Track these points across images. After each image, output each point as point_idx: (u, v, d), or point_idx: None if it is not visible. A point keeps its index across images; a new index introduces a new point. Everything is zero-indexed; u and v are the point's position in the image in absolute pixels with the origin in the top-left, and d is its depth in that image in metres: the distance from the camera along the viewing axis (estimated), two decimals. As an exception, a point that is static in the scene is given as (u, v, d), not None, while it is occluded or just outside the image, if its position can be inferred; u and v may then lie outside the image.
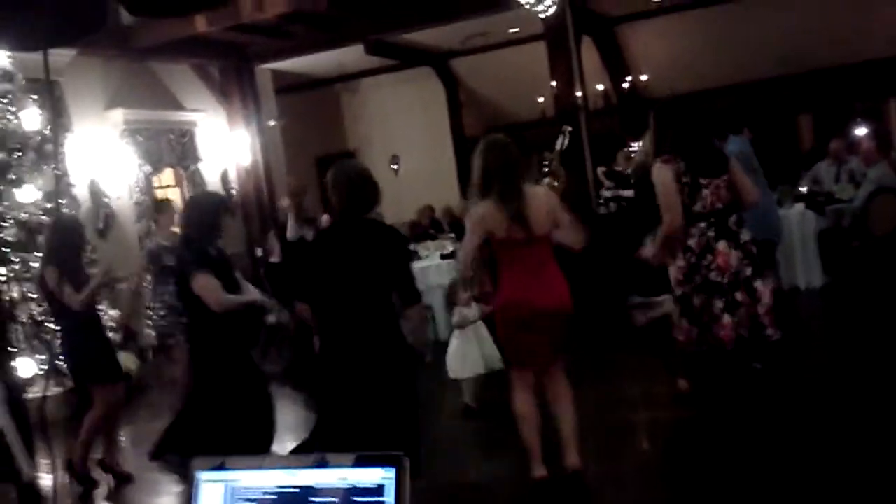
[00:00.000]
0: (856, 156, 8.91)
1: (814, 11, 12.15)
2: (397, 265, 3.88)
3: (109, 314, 7.27)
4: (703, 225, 4.37)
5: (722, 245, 4.36)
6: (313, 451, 4.06)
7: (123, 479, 5.48)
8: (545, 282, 4.06)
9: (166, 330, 6.66)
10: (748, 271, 4.36)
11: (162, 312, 6.65)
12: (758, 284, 4.38)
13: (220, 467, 1.41)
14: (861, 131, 11.28)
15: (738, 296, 4.34)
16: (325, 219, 8.06)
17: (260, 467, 1.40)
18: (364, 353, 3.78)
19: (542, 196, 4.16)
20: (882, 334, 6.28)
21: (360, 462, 1.35)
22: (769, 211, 5.75)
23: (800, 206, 8.59)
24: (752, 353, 4.51)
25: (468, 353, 5.70)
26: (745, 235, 4.44)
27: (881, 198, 8.08)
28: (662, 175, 4.41)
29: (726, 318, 4.34)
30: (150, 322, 8.62)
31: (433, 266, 8.66)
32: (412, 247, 9.57)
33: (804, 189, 8.88)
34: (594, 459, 4.40)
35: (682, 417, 5.18)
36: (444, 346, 8.20)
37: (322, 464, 1.36)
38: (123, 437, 6.88)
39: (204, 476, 1.41)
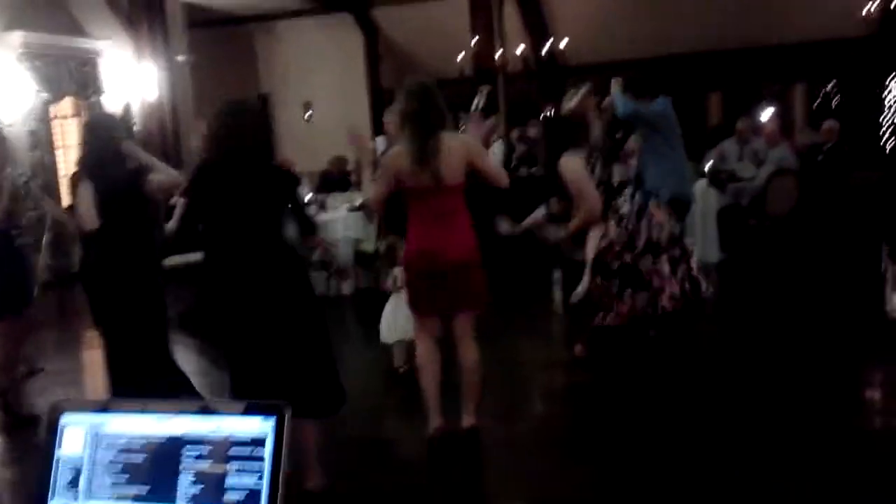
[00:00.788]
0: (760, 136, 9.15)
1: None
2: (287, 201, 3.74)
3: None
4: (628, 191, 4.42)
5: (652, 205, 4.43)
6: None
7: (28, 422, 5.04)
8: (452, 232, 3.98)
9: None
10: (677, 228, 4.45)
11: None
12: (686, 240, 4.47)
13: (92, 409, 1.32)
14: (766, 113, 11.59)
15: (675, 251, 4.40)
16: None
17: (135, 411, 1.31)
18: (256, 281, 3.60)
19: (458, 144, 3.98)
20: (771, 310, 6.51)
21: (239, 410, 1.28)
22: (684, 171, 5.90)
23: (702, 183, 8.79)
24: (694, 311, 4.60)
25: (398, 317, 5.60)
26: (664, 195, 4.52)
27: (780, 179, 8.32)
28: (572, 164, 4.39)
29: (677, 275, 4.39)
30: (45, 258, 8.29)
31: (340, 219, 8.53)
32: (321, 196, 9.44)
33: (708, 166, 9.08)
34: (490, 418, 4.43)
35: (577, 382, 5.26)
36: (344, 298, 8.23)
37: (206, 410, 1.29)
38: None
39: (67, 418, 1.32)
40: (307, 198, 9.87)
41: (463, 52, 12.42)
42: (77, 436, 1.30)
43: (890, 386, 5.10)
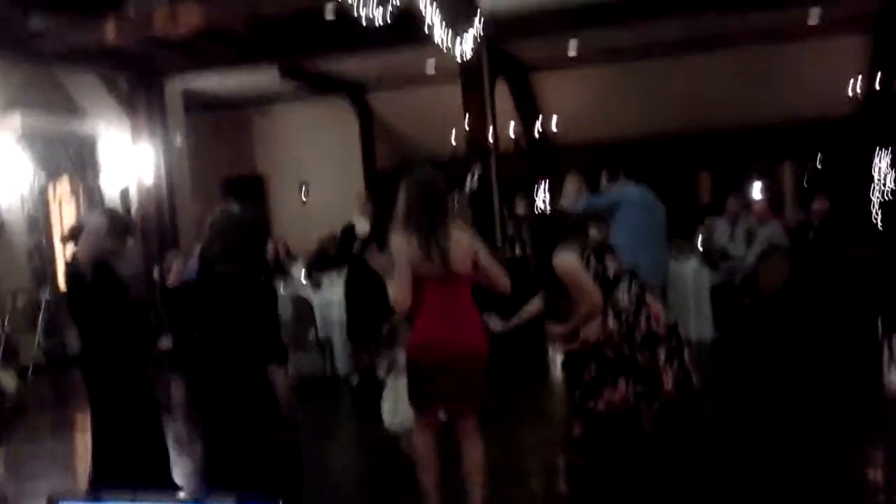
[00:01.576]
0: (750, 215, 9.25)
1: (718, 76, 12.69)
2: (261, 319, 3.74)
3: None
4: (623, 284, 4.42)
5: (648, 297, 4.45)
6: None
7: None
8: (459, 323, 3.92)
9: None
10: (672, 320, 4.47)
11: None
12: (680, 330, 4.47)
13: (86, 499, 1.32)
14: (756, 192, 11.75)
15: (673, 342, 4.40)
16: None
17: (127, 502, 1.32)
18: (234, 397, 3.70)
19: (464, 238, 3.99)
20: (767, 389, 6.49)
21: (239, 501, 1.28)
22: (664, 258, 5.96)
23: (694, 261, 8.86)
24: (685, 402, 4.57)
25: (400, 403, 5.48)
26: (656, 284, 4.56)
27: (771, 257, 8.41)
28: (567, 261, 4.37)
29: (672, 367, 4.38)
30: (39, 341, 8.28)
31: (335, 300, 8.51)
32: (316, 276, 9.45)
33: (699, 244, 9.16)
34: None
35: (574, 464, 5.21)
36: (342, 382, 8.16)
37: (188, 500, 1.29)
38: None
39: (65, 511, 1.31)
40: (302, 278, 9.91)
41: (455, 133, 12.63)
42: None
43: (891, 464, 5.05)
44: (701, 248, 9.03)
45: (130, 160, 11.65)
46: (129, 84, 11.65)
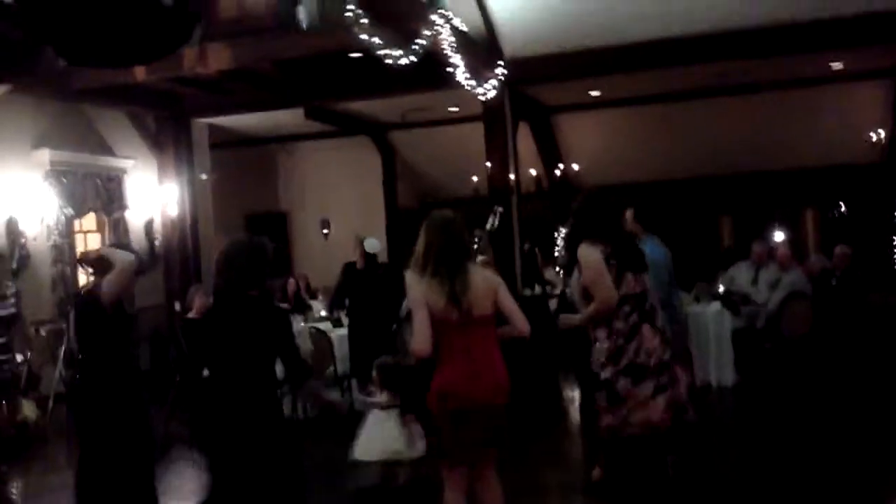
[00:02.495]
0: (773, 260, 9.22)
1: (740, 120, 12.75)
2: (279, 344, 3.82)
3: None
4: (626, 308, 4.45)
5: (646, 328, 4.44)
6: None
7: None
8: (484, 369, 3.80)
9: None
10: (666, 356, 4.45)
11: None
12: (676, 370, 4.46)
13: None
14: (778, 237, 11.71)
15: (663, 378, 4.40)
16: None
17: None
18: (240, 432, 3.76)
19: (485, 277, 3.93)
20: (790, 434, 6.42)
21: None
22: (680, 309, 5.92)
23: (716, 305, 8.82)
24: (675, 436, 4.55)
25: (379, 434, 5.58)
26: (659, 321, 4.55)
27: (794, 302, 8.35)
28: (592, 254, 4.46)
29: (660, 400, 4.36)
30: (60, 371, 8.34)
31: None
32: (337, 313, 9.49)
33: (721, 288, 9.13)
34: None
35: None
36: (359, 417, 8.14)
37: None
38: (15, 490, 6.56)
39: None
40: (322, 313, 9.96)
41: (477, 173, 12.72)
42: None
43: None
44: (722, 292, 8.99)
45: (156, 195, 11.81)
46: (156, 122, 11.85)
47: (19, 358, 6.71)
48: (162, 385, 8.89)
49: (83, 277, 10.48)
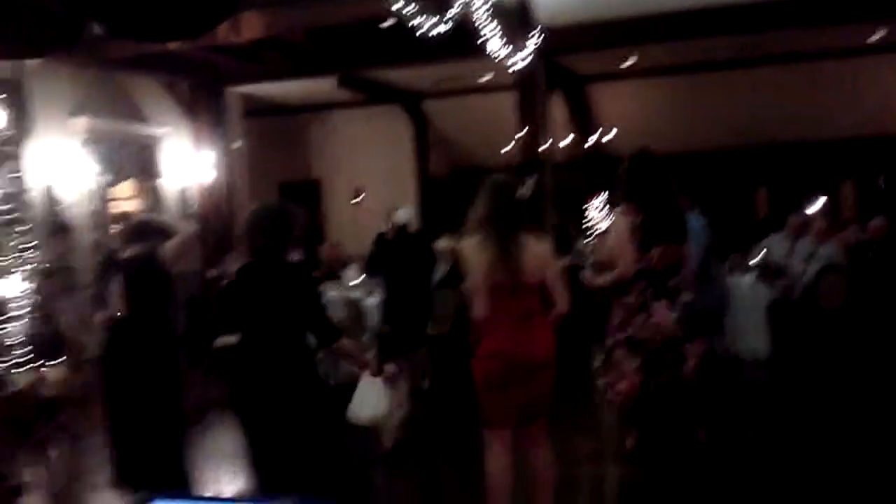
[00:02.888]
0: (809, 232, 9.11)
1: (778, 90, 12.54)
2: (308, 307, 3.86)
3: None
4: (643, 283, 4.43)
5: (659, 305, 4.42)
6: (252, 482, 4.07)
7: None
8: (530, 333, 3.83)
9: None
10: (679, 332, 4.42)
11: None
12: (686, 347, 4.43)
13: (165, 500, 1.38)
14: (815, 208, 11.56)
15: (669, 356, 4.38)
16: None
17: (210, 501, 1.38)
18: (274, 393, 3.80)
19: (536, 245, 3.94)
20: (823, 407, 6.38)
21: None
22: (720, 286, 5.84)
23: (751, 277, 8.75)
24: (664, 411, 4.55)
25: (370, 393, 5.67)
26: (685, 298, 4.51)
27: (830, 275, 8.25)
28: (619, 224, 4.47)
29: (635, 376, 4.38)
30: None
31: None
32: (369, 280, 9.55)
33: (756, 260, 9.05)
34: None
35: (626, 475, 5.19)
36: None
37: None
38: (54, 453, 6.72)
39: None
40: (355, 281, 10.02)
41: (510, 143, 12.66)
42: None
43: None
44: (758, 264, 8.91)
45: (191, 163, 11.91)
46: (190, 90, 11.92)
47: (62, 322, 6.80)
48: (197, 350, 9.02)
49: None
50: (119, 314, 4.40)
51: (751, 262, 9.05)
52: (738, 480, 4.85)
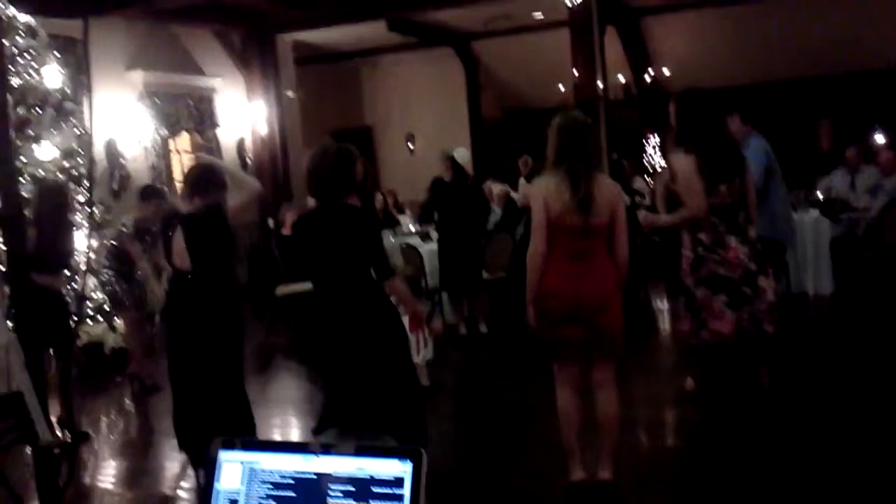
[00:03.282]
0: (873, 165, 8.85)
1: (839, 16, 12.07)
2: (366, 245, 3.96)
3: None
4: (714, 219, 4.39)
5: (733, 240, 4.38)
6: (328, 425, 4.19)
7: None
8: (593, 271, 3.82)
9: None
10: (753, 267, 4.38)
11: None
12: (761, 281, 4.38)
13: (239, 447, 1.43)
14: (880, 140, 11.20)
15: (746, 290, 4.36)
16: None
17: (279, 450, 1.42)
18: (351, 326, 3.92)
19: (608, 185, 3.90)
20: (889, 345, 6.28)
21: (379, 453, 1.36)
22: (781, 212, 5.71)
23: (815, 212, 8.56)
24: (752, 347, 4.52)
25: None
26: (752, 232, 4.46)
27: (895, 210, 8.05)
28: (684, 163, 4.41)
29: (729, 314, 4.36)
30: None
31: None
32: (424, 227, 9.59)
33: (820, 195, 8.84)
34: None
35: (687, 418, 5.19)
36: (451, 330, 8.27)
37: (350, 452, 1.37)
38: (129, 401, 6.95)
39: (225, 455, 1.42)
40: (411, 228, 10.07)
41: (563, 81, 12.47)
42: (234, 471, 1.41)
43: None
44: (821, 199, 8.71)
45: (245, 113, 12.00)
46: (242, 39, 11.95)
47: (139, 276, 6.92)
48: (260, 300, 9.20)
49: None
50: (181, 267, 4.47)
51: (814, 198, 8.85)
52: (798, 426, 4.82)
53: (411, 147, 15.62)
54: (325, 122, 14.98)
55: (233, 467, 1.41)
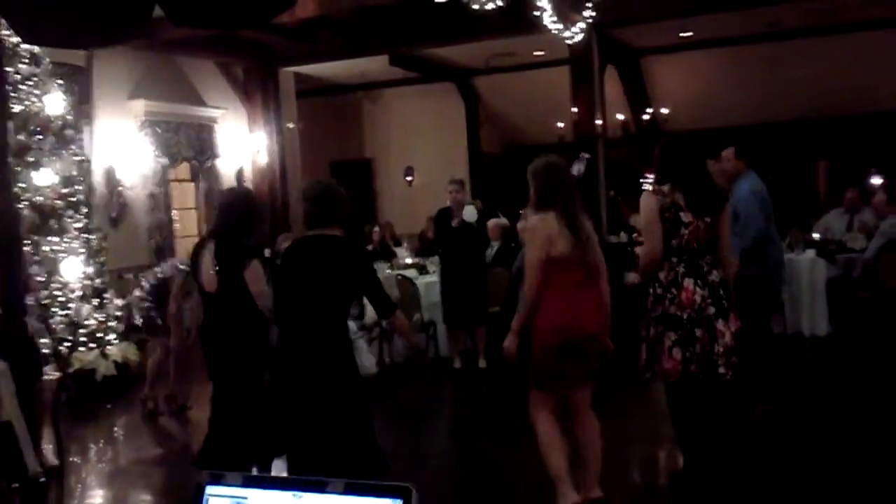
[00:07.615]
0: (869, 207, 8.90)
1: (836, 61, 12.20)
2: (363, 281, 3.93)
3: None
4: (674, 259, 4.38)
5: (688, 282, 4.36)
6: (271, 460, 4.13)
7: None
8: (593, 307, 4.04)
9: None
10: (711, 310, 4.35)
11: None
12: (719, 324, 4.35)
13: (227, 482, 1.42)
14: (876, 182, 11.26)
15: (697, 332, 4.33)
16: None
17: (268, 486, 1.41)
18: (311, 373, 3.86)
19: (590, 225, 4.17)
20: (884, 386, 6.27)
21: (370, 491, 1.35)
22: (776, 255, 5.71)
23: (811, 253, 8.58)
24: (701, 389, 4.49)
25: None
26: (715, 276, 4.41)
27: (892, 251, 8.06)
28: (647, 203, 4.43)
29: (675, 352, 4.35)
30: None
31: (436, 283, 8.58)
32: (421, 260, 9.60)
33: (816, 236, 8.87)
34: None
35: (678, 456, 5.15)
36: (445, 364, 8.23)
37: (329, 489, 1.37)
38: (119, 430, 6.91)
39: (211, 490, 1.42)
40: (408, 260, 10.08)
41: (562, 120, 12.55)
42: (221, 508, 1.40)
43: None
44: (817, 240, 8.73)
45: (246, 144, 12.05)
46: (244, 72, 12.04)
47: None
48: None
49: (178, 226, 10.86)
50: (210, 290, 4.52)
51: (810, 238, 8.88)
52: (794, 461, 4.79)
53: (410, 180, 15.67)
54: (326, 153, 15.05)
55: (220, 503, 1.40)
